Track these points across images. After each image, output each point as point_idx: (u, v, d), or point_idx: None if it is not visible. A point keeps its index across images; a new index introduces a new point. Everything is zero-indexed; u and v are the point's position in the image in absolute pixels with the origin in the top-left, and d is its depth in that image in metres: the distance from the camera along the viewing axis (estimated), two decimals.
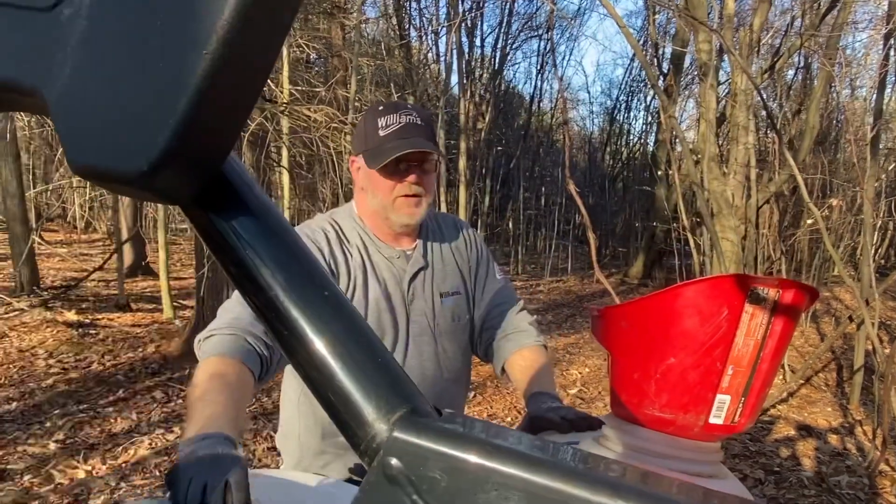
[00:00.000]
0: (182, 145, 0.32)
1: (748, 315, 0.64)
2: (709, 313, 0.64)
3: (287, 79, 5.79)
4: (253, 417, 4.12)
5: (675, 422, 0.66)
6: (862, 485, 3.52)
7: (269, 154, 5.85)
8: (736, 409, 0.65)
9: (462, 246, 1.46)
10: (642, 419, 0.69)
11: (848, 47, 11.23)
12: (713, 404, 0.65)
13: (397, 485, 0.35)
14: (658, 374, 0.67)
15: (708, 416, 0.65)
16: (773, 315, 0.64)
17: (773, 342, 0.65)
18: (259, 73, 0.35)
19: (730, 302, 0.63)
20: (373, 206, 1.33)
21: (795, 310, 0.65)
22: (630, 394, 0.71)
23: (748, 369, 0.65)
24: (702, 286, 0.66)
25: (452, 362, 1.39)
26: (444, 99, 13.28)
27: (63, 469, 3.22)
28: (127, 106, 0.33)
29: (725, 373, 0.65)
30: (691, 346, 0.65)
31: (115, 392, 4.39)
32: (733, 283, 0.63)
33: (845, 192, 9.43)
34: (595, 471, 0.34)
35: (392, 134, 1.24)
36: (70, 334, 5.47)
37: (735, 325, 0.64)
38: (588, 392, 5.47)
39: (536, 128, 20.30)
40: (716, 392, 0.65)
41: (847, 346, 6.46)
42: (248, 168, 3.77)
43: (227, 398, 0.92)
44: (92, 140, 0.34)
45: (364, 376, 0.37)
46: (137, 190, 0.33)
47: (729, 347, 0.64)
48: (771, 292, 0.64)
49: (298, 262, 0.39)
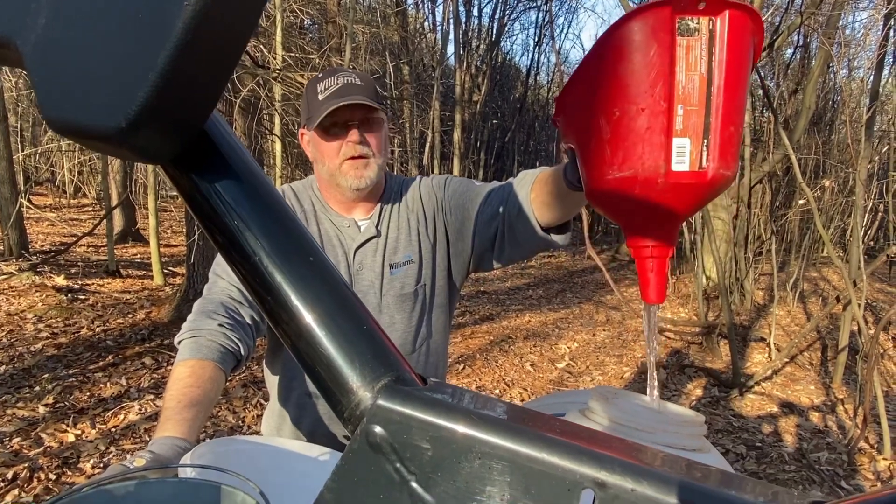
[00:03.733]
0: (162, 101, 0.31)
1: (683, 49, 0.60)
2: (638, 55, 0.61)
3: (280, 44, 5.69)
4: (243, 385, 4.14)
5: (636, 177, 0.62)
6: (841, 461, 3.60)
7: (260, 121, 5.78)
8: (699, 151, 0.61)
9: (420, 207, 1.38)
10: (608, 188, 0.65)
11: (847, 27, 11.16)
12: (672, 149, 0.61)
13: (380, 452, 0.34)
14: (609, 135, 0.63)
15: (669, 163, 0.61)
16: (713, 45, 0.60)
17: (722, 74, 0.60)
18: (244, 26, 0.33)
19: (657, 37, 0.60)
20: (324, 176, 1.30)
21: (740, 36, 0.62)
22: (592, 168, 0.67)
23: (701, 107, 0.61)
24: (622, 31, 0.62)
25: (402, 335, 1.34)
26: (440, 69, 13.12)
27: (52, 433, 3.24)
28: (105, 59, 0.31)
29: (675, 113, 0.60)
30: (631, 93, 0.61)
31: (104, 357, 4.40)
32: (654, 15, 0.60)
33: (838, 174, 9.45)
34: (579, 441, 0.34)
35: (330, 94, 1.22)
36: (59, 299, 5.45)
37: (670, 61, 0.59)
38: (576, 366, 5.53)
39: (532, 101, 20.13)
40: (670, 136, 0.60)
41: (833, 327, 6.54)
42: (239, 135, 3.70)
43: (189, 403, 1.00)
44: (68, 94, 0.32)
45: (348, 343, 0.36)
46: (115, 147, 0.32)
47: (670, 85, 0.59)
48: (703, 21, 0.61)
49: (283, 226, 0.38)
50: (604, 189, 0.67)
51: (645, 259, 0.68)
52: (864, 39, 10.12)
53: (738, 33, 0.62)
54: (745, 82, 0.65)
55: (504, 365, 5.38)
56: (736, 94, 0.63)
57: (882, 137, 8.57)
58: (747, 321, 6.94)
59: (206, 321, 1.15)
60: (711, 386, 4.99)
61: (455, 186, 1.37)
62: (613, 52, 0.63)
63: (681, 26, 0.60)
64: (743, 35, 0.63)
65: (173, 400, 1.00)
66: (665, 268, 0.68)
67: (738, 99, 0.64)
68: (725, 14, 0.61)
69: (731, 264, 6.95)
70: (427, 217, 1.37)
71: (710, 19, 0.61)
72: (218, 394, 1.09)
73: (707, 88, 0.62)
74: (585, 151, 0.70)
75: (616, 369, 5.48)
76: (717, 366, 5.50)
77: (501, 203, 1.23)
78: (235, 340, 1.15)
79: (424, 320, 1.38)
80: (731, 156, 0.65)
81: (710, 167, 0.63)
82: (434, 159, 13.02)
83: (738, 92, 0.63)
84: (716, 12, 0.61)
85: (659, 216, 0.66)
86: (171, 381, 1.06)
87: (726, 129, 0.63)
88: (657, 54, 0.61)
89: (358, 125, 1.24)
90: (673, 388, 4.95)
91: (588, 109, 0.68)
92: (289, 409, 1.37)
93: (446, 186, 1.38)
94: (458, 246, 1.37)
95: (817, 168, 10.03)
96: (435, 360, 1.42)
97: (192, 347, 1.12)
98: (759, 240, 7.54)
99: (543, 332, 6.66)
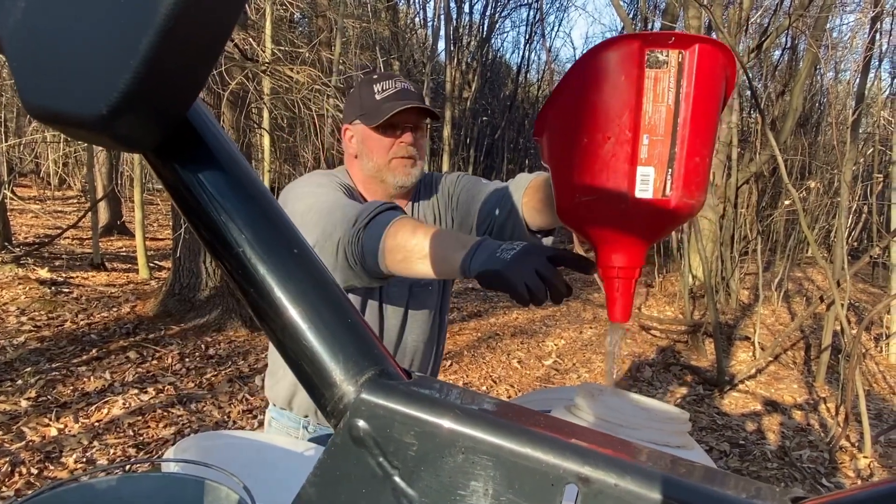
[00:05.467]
0: (144, 88, 0.30)
1: (651, 80, 0.61)
2: (607, 84, 0.62)
3: (269, 38, 5.65)
4: (229, 381, 4.12)
5: (601, 202, 0.63)
6: (822, 459, 3.64)
7: (249, 115, 5.74)
8: (664, 180, 0.62)
9: (437, 202, 1.46)
10: (576, 211, 0.67)
11: (835, 30, 11.27)
12: (636, 177, 0.62)
13: (363, 446, 0.34)
14: (577, 160, 0.64)
15: (633, 191, 0.62)
16: (681, 77, 0.61)
17: (689, 106, 0.61)
18: (229, 13, 0.33)
19: (626, 67, 0.60)
20: (367, 171, 1.35)
21: (709, 70, 0.62)
22: (562, 190, 0.69)
23: (667, 137, 0.61)
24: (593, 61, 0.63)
25: (421, 324, 1.43)
26: (431, 65, 13.10)
27: (35, 426, 3.20)
28: (85, 44, 0.31)
29: (640, 143, 0.62)
30: (598, 121, 0.62)
31: (88, 351, 4.35)
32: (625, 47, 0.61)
33: (823, 175, 9.54)
34: (563, 436, 0.34)
35: (390, 96, 1.29)
36: (42, 292, 5.38)
37: (637, 91, 0.60)
38: (563, 363, 5.55)
39: (522, 99, 20.15)
40: (634, 164, 0.61)
41: (816, 326, 6.61)
42: (227, 128, 3.68)
43: None
44: (48, 80, 0.32)
45: (332, 336, 0.36)
46: (95, 134, 0.32)
47: (637, 116, 0.60)
48: (672, 54, 0.61)
49: (267, 217, 0.38)
50: (571, 211, 0.69)
51: (612, 279, 0.70)
52: (851, 42, 10.23)
53: (708, 67, 0.63)
54: (713, 114, 0.66)
55: (491, 362, 5.39)
56: (703, 125, 0.64)
57: (867, 140, 8.67)
58: (732, 320, 7.00)
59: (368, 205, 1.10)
60: (696, 384, 5.03)
61: (464, 183, 1.43)
62: (584, 81, 0.65)
63: (650, 58, 0.61)
64: (713, 69, 0.64)
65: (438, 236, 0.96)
66: (631, 289, 0.70)
67: (706, 131, 0.65)
68: (695, 48, 0.62)
69: (717, 263, 7.01)
70: (442, 213, 1.45)
71: (679, 52, 0.62)
72: None
73: (673, 119, 0.63)
74: (556, 173, 0.72)
75: (602, 367, 5.51)
76: (703, 364, 5.55)
77: (497, 203, 1.30)
78: None
79: (439, 313, 1.48)
80: (695, 185, 0.66)
81: (674, 196, 0.64)
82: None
83: (705, 124, 0.64)
84: (685, 46, 0.62)
85: (624, 240, 0.68)
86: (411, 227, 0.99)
87: (692, 159, 0.64)
88: (625, 85, 0.62)
89: (412, 129, 1.32)
90: (658, 386, 4.98)
91: (559, 134, 0.70)
92: None
93: (457, 183, 1.45)
94: None
95: (803, 169, 10.12)
96: (441, 351, 1.54)
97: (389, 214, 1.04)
98: (745, 239, 7.60)
99: (531, 329, 6.68)
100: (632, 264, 0.69)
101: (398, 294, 1.38)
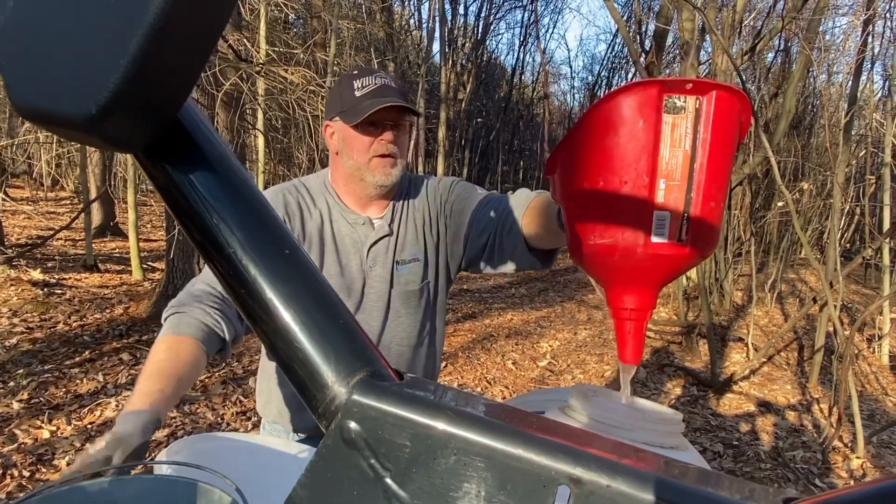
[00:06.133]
0: (134, 88, 0.30)
1: (669, 126, 0.61)
2: (625, 129, 0.62)
3: (264, 38, 5.64)
4: (222, 382, 4.10)
5: (616, 245, 0.63)
6: (815, 460, 3.65)
7: (243, 116, 5.72)
8: (679, 225, 0.62)
9: (426, 207, 1.43)
10: (590, 253, 0.67)
11: (827, 32, 11.32)
12: (652, 222, 0.62)
13: (355, 448, 0.34)
14: (592, 203, 0.64)
15: (649, 235, 0.62)
16: (699, 123, 0.61)
17: (706, 152, 0.62)
18: (220, 12, 0.33)
19: (644, 113, 0.61)
20: (347, 169, 1.33)
21: (726, 115, 0.63)
22: (575, 232, 0.69)
23: (683, 183, 0.62)
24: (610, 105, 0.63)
25: (407, 328, 1.40)
26: (426, 67, 13.11)
27: (27, 429, 3.18)
28: (75, 43, 0.30)
29: (657, 188, 0.62)
30: (615, 165, 0.62)
31: (80, 353, 4.33)
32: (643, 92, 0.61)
33: (816, 177, 9.58)
34: (555, 438, 0.34)
35: (370, 93, 1.26)
36: (35, 293, 5.35)
37: (655, 137, 0.60)
38: (558, 364, 5.56)
39: (517, 100, 20.17)
40: (651, 209, 0.61)
41: (809, 327, 6.64)
42: (221, 129, 3.67)
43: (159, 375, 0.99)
44: (37, 79, 0.31)
45: (323, 337, 0.36)
46: (85, 134, 0.31)
47: (654, 161, 0.60)
48: (689, 100, 0.62)
49: (258, 218, 0.38)
50: (585, 253, 0.69)
51: (623, 321, 0.70)
52: (844, 45, 10.28)
53: (724, 113, 0.63)
54: (729, 160, 0.67)
55: (486, 363, 5.39)
56: (718, 171, 0.64)
57: (859, 142, 8.71)
58: (726, 321, 7.02)
59: (190, 299, 1.14)
60: (690, 385, 5.04)
61: (459, 191, 1.41)
62: (601, 124, 0.64)
63: (667, 104, 0.61)
64: (729, 115, 0.64)
65: (144, 375, 0.99)
66: (643, 330, 0.70)
67: (721, 176, 0.65)
68: (713, 94, 0.62)
69: (710, 265, 7.03)
70: (431, 218, 1.42)
71: (696, 98, 0.62)
72: (196, 370, 1.07)
73: (690, 165, 0.63)
74: (570, 215, 0.72)
75: (597, 368, 5.52)
76: (696, 365, 5.56)
77: (496, 218, 1.28)
78: (218, 319, 1.14)
79: (429, 316, 1.44)
80: (710, 230, 0.66)
81: (690, 241, 0.64)
82: (419, 157, 13.00)
83: (720, 169, 0.65)
84: (703, 92, 0.62)
85: (637, 282, 0.68)
86: (148, 358, 1.04)
87: (707, 204, 0.65)
88: (643, 130, 0.61)
89: (391, 126, 1.29)
90: (652, 387, 4.99)
91: (574, 175, 0.70)
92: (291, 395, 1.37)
93: (451, 190, 1.42)
94: (454, 248, 1.42)
95: (796, 171, 10.16)
96: (434, 354, 1.48)
97: (173, 323, 1.10)
98: (738, 241, 7.63)
99: (525, 330, 6.68)
100: (644, 306, 0.69)
101: (376, 297, 1.36)
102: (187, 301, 1.14)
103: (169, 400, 0.95)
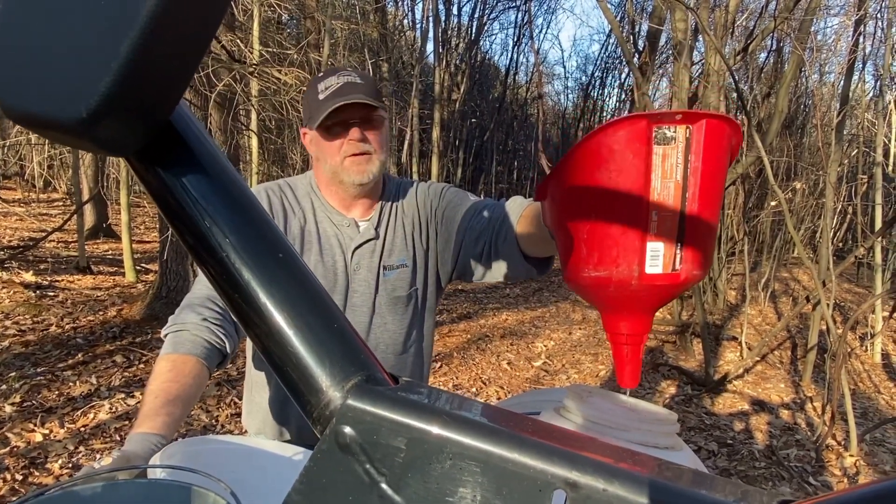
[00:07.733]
0: (125, 91, 0.30)
1: (659, 157, 0.61)
2: (614, 163, 0.62)
3: (257, 39, 5.63)
4: (217, 384, 4.09)
5: (611, 278, 0.63)
6: (809, 458, 3.67)
7: (237, 117, 5.70)
8: (673, 255, 0.62)
9: (416, 212, 1.40)
10: (584, 284, 0.67)
11: (819, 32, 11.39)
12: (646, 253, 0.62)
13: (350, 453, 0.34)
14: (585, 235, 0.64)
15: (643, 266, 0.62)
16: (690, 153, 0.61)
17: (697, 181, 0.62)
18: (212, 13, 0.32)
19: (633, 147, 0.61)
20: (326, 174, 1.31)
21: (716, 144, 0.63)
22: (570, 265, 0.69)
23: (675, 213, 0.61)
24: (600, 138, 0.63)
25: (392, 335, 1.36)
26: (419, 67, 13.10)
27: (19, 432, 3.16)
28: (65, 45, 0.30)
29: (650, 219, 0.62)
30: (606, 198, 0.62)
31: (73, 355, 4.30)
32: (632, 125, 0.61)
33: (808, 176, 9.63)
34: (551, 441, 0.34)
35: (331, 94, 1.23)
36: (27, 296, 5.32)
37: (646, 169, 0.60)
38: (552, 365, 5.56)
39: (511, 101, 20.19)
40: (644, 240, 0.61)
41: (803, 326, 6.67)
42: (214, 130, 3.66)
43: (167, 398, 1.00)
44: (27, 82, 0.31)
45: (318, 342, 0.35)
46: (76, 138, 0.31)
47: (646, 192, 0.60)
48: (679, 129, 0.62)
49: (252, 221, 0.37)
50: (580, 283, 0.69)
51: (620, 346, 0.70)
52: (836, 45, 10.35)
53: (715, 141, 0.63)
54: (720, 186, 0.67)
55: (481, 363, 5.39)
56: (710, 199, 0.64)
57: (851, 141, 8.76)
58: (720, 320, 7.05)
59: (190, 315, 1.14)
60: (685, 384, 5.06)
61: (450, 198, 1.38)
62: (591, 158, 0.64)
63: (657, 135, 0.61)
64: (720, 142, 0.64)
65: (151, 395, 1.00)
66: (639, 354, 0.70)
67: (713, 204, 0.65)
68: (702, 123, 0.62)
69: None
70: (421, 223, 1.39)
71: (686, 127, 0.62)
72: (199, 389, 1.08)
73: (682, 194, 0.62)
74: (563, 245, 0.72)
75: (592, 368, 5.53)
76: (691, 364, 5.58)
77: (491, 226, 1.25)
78: (220, 335, 1.14)
79: (416, 323, 1.40)
80: (703, 258, 0.67)
81: (683, 270, 0.65)
82: (413, 157, 13.00)
83: (712, 197, 0.65)
84: (693, 121, 0.62)
85: (632, 310, 0.68)
86: (152, 376, 1.06)
87: (700, 232, 0.65)
88: (633, 163, 0.62)
89: (359, 123, 1.26)
90: (647, 387, 5.01)
91: (565, 208, 0.70)
92: (274, 405, 1.36)
93: (442, 196, 1.40)
94: (444, 256, 1.39)
95: (789, 170, 10.21)
96: (421, 361, 1.45)
97: (174, 342, 1.11)
98: (731, 240, 7.66)
99: (520, 330, 6.69)
100: (639, 331, 0.69)
101: (360, 301, 1.34)
102: (187, 316, 1.15)
103: (177, 423, 0.97)
